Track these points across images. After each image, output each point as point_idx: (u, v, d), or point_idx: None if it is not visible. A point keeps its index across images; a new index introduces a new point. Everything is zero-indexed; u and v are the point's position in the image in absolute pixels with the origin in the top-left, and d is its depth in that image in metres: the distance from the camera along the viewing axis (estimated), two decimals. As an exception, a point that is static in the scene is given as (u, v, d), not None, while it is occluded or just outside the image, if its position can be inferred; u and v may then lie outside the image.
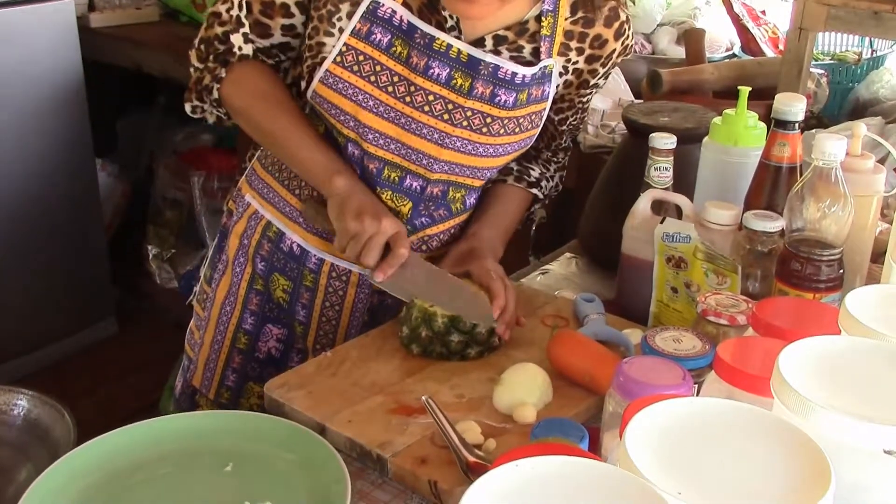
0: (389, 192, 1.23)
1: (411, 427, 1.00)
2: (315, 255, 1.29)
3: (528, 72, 1.19)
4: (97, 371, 2.75)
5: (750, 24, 2.22)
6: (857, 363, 0.70)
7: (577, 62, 1.25)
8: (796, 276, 1.09)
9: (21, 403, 1.08)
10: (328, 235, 1.25)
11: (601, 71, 1.28)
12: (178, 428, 1.01)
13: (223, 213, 1.41)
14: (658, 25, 2.36)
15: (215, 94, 1.24)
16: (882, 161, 1.33)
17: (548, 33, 1.20)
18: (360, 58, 1.15)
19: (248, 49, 1.21)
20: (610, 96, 2.05)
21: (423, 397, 0.97)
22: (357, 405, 1.04)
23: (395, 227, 1.16)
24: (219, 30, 1.21)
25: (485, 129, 1.20)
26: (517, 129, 1.22)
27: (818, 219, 1.07)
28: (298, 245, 1.29)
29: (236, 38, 1.21)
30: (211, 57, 1.23)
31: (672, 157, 1.25)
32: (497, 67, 1.17)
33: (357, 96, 1.17)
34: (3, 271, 2.58)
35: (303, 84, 1.23)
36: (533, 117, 1.24)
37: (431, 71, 1.16)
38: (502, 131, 1.21)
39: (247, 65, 1.22)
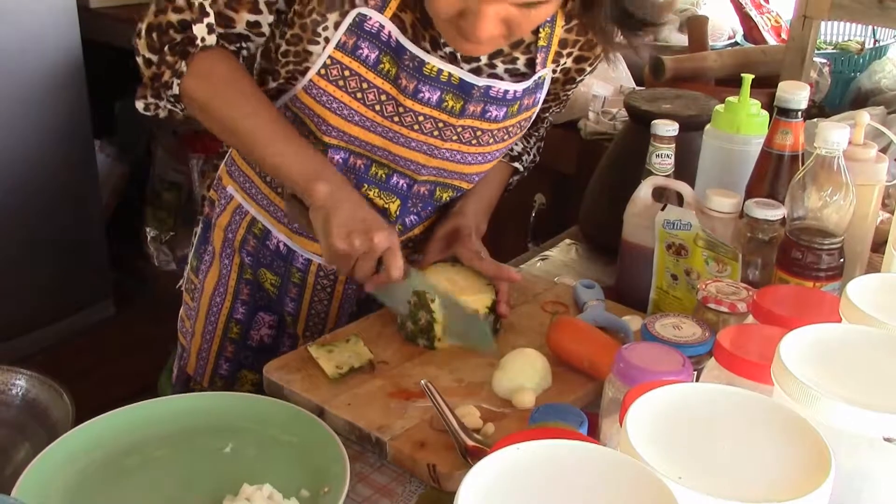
0: (377, 190, 1.19)
1: (410, 411, 1.00)
2: (302, 256, 1.27)
3: (521, 87, 1.15)
4: (95, 353, 2.75)
5: (753, 13, 2.21)
6: (857, 351, 0.70)
7: (565, 63, 1.21)
8: (797, 264, 1.09)
9: (20, 383, 1.08)
10: (312, 236, 1.15)
11: (588, 70, 1.25)
12: (178, 409, 1.01)
13: (204, 199, 1.38)
14: (660, 12, 2.35)
15: (175, 90, 1.11)
16: (884, 150, 1.32)
17: (545, 44, 1.15)
18: (346, 73, 1.09)
19: (211, 39, 1.09)
20: (611, 83, 2.04)
21: (423, 381, 0.97)
22: (356, 388, 1.04)
23: (387, 242, 1.07)
24: (174, 17, 1.08)
25: (474, 142, 1.17)
26: (506, 137, 1.20)
27: (819, 207, 1.07)
28: (285, 244, 1.27)
29: (199, 29, 1.08)
30: (167, 48, 1.10)
31: (674, 145, 1.24)
32: (489, 87, 1.13)
33: (342, 110, 1.11)
34: (0, 252, 2.58)
35: (271, 83, 1.16)
36: (523, 123, 1.21)
37: (421, 95, 1.11)
38: (492, 141, 1.19)
39: (210, 54, 1.10)
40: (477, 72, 1.13)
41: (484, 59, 1.13)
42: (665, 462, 0.56)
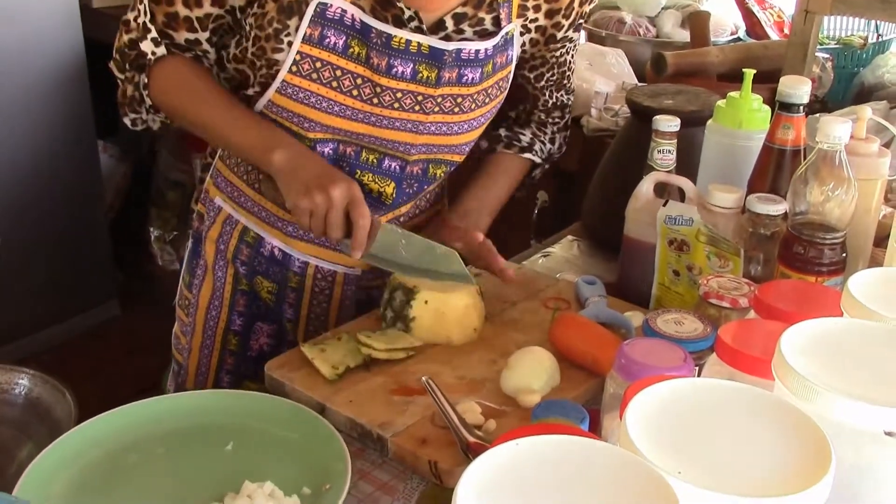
0: (370, 175, 1.20)
1: (411, 407, 1.00)
2: (299, 259, 1.26)
3: (490, 44, 1.16)
4: (99, 353, 2.76)
5: (755, 8, 2.20)
6: (859, 345, 0.69)
7: (536, 19, 1.21)
8: (799, 259, 1.08)
9: (23, 382, 1.09)
10: (303, 229, 1.19)
11: (565, 23, 1.23)
12: (179, 407, 1.01)
13: (192, 213, 1.37)
14: (662, 8, 2.35)
15: (148, 102, 1.20)
16: (887, 145, 1.32)
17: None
18: (318, 64, 1.10)
19: (160, 50, 1.17)
20: (613, 79, 2.04)
21: (424, 378, 0.97)
22: (357, 385, 1.04)
23: (346, 195, 1.09)
24: (126, 38, 1.18)
25: (457, 109, 1.17)
26: (487, 100, 1.20)
27: (822, 202, 1.07)
28: (280, 249, 1.26)
29: (146, 45, 1.16)
30: (128, 66, 1.19)
31: (675, 140, 1.24)
32: (459, 50, 1.13)
33: (321, 103, 1.12)
34: (5, 253, 2.58)
35: (249, 90, 1.18)
36: (500, 83, 1.21)
37: (395, 70, 1.12)
38: (473, 106, 1.19)
39: (165, 63, 1.18)
40: (447, 39, 1.14)
41: (451, 27, 1.14)
42: (665, 457, 0.56)
